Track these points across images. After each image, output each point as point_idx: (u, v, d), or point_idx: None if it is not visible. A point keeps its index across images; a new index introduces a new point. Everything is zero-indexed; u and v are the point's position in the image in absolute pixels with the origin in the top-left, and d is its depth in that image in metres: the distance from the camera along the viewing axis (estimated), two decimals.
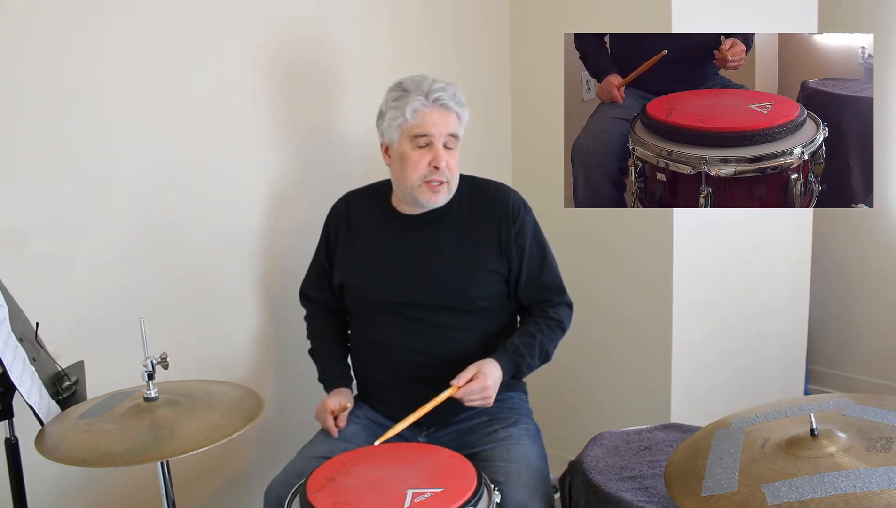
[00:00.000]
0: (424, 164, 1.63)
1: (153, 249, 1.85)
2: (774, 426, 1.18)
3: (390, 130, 1.67)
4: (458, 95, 1.66)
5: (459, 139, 1.68)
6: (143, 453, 1.25)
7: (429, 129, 1.62)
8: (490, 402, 1.58)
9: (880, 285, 3.01)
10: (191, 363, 1.80)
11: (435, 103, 1.62)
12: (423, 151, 1.64)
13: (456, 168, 1.68)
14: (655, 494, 1.41)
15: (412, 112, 1.62)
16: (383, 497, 1.28)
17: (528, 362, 1.66)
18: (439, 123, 1.63)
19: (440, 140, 1.63)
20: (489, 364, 1.59)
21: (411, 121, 1.62)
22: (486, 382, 1.55)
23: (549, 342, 1.70)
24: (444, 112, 1.63)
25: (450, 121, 1.64)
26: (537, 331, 1.68)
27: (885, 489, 0.96)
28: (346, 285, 1.76)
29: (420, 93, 1.62)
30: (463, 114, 1.68)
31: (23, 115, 1.65)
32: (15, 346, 1.38)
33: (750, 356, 2.53)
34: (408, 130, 1.63)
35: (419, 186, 1.65)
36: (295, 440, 1.76)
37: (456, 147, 1.67)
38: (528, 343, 1.66)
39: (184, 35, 1.85)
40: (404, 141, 1.65)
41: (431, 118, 1.62)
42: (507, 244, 1.68)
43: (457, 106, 1.65)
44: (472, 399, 1.55)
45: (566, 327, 1.74)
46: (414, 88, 1.64)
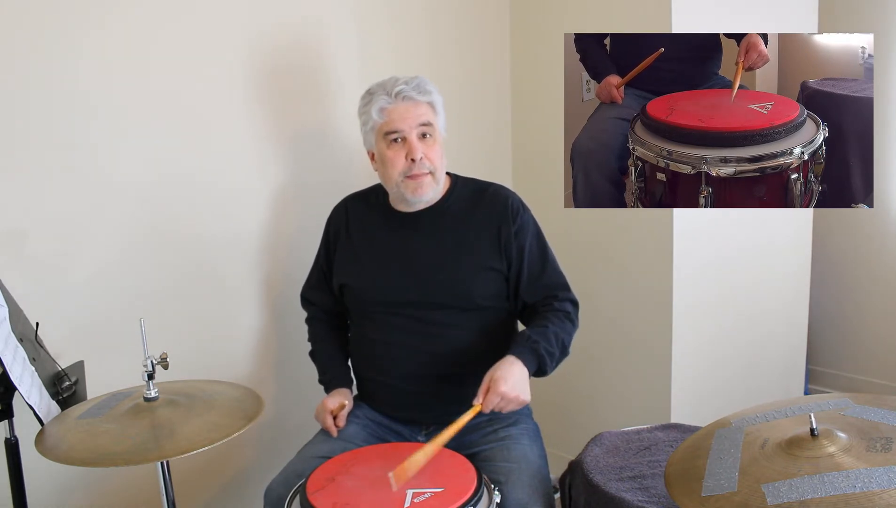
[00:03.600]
0: (401, 159, 1.63)
1: (153, 249, 1.86)
2: (774, 426, 1.18)
3: (368, 136, 1.69)
4: (422, 85, 1.65)
5: (436, 127, 1.67)
6: (143, 453, 1.25)
7: (397, 124, 1.63)
8: (523, 400, 1.50)
9: (880, 285, 3.01)
10: (191, 363, 1.79)
11: (398, 97, 1.63)
12: (398, 148, 1.64)
13: (438, 158, 1.66)
14: (655, 494, 1.41)
15: (378, 111, 1.64)
16: (383, 497, 1.28)
17: (546, 347, 1.57)
18: (407, 117, 1.63)
19: (412, 133, 1.63)
20: (503, 366, 1.52)
21: (379, 120, 1.64)
22: (500, 388, 1.47)
23: (563, 331, 1.64)
24: (409, 104, 1.63)
25: (419, 112, 1.64)
26: (547, 321, 1.63)
27: (885, 489, 0.96)
28: (345, 285, 1.76)
29: (383, 92, 1.64)
30: (434, 101, 1.67)
31: (23, 115, 1.65)
32: (15, 346, 1.38)
33: (750, 356, 2.52)
34: (379, 129, 1.65)
35: (402, 181, 1.65)
36: (295, 440, 1.76)
37: (434, 136, 1.66)
38: (540, 332, 1.60)
39: (185, 38, 1.85)
40: (380, 142, 1.66)
41: (398, 113, 1.63)
42: (507, 243, 1.68)
43: (421, 95, 1.64)
44: (503, 407, 1.49)
45: (574, 319, 1.69)
46: (378, 89, 1.66)
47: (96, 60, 1.73)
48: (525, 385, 1.52)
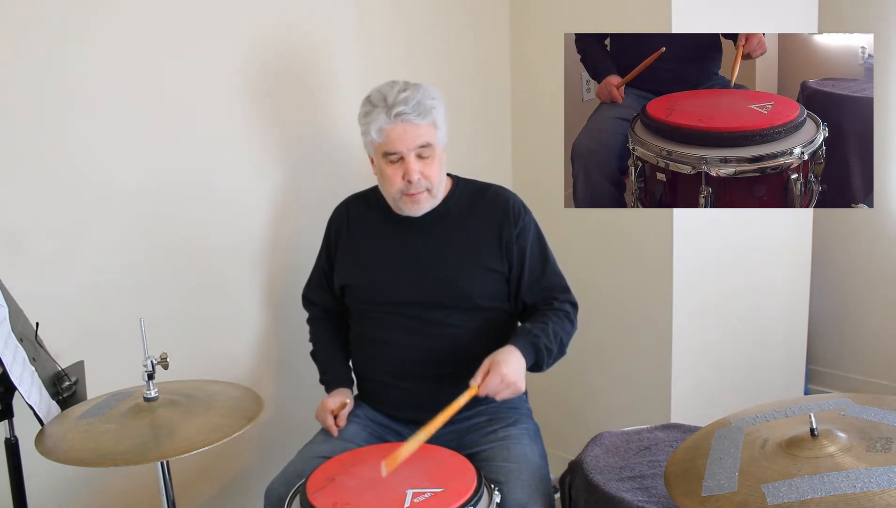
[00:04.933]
0: (398, 178, 1.62)
1: (153, 249, 1.86)
2: (774, 426, 1.18)
3: (367, 146, 1.69)
4: (423, 104, 1.60)
5: (435, 145, 1.64)
6: (143, 453, 1.25)
7: (396, 146, 1.60)
8: (519, 387, 1.50)
9: (880, 285, 3.01)
10: (191, 363, 1.79)
11: (397, 119, 1.59)
12: (395, 167, 1.63)
13: (436, 174, 1.65)
14: (655, 494, 1.41)
15: (377, 131, 1.61)
16: (383, 497, 1.28)
17: (545, 342, 1.58)
18: (406, 139, 1.60)
19: (410, 154, 1.61)
20: (503, 352, 1.52)
21: (378, 140, 1.62)
22: (502, 370, 1.47)
23: (562, 330, 1.64)
24: (408, 127, 1.59)
25: (418, 133, 1.60)
26: (547, 319, 1.64)
27: (885, 489, 0.96)
28: (346, 285, 1.76)
29: (384, 108, 1.60)
30: (436, 119, 1.63)
31: (23, 116, 1.65)
32: (15, 346, 1.38)
33: (750, 356, 2.52)
34: (377, 148, 1.64)
35: (400, 198, 1.65)
36: (295, 440, 1.76)
37: (433, 154, 1.64)
38: (540, 327, 1.60)
39: (185, 41, 1.86)
40: (378, 157, 1.65)
41: (397, 134, 1.60)
42: (509, 244, 1.68)
43: (421, 118, 1.60)
44: (499, 392, 1.49)
45: (573, 320, 1.70)
46: (379, 101, 1.61)
47: (97, 63, 1.73)
48: (522, 375, 1.52)
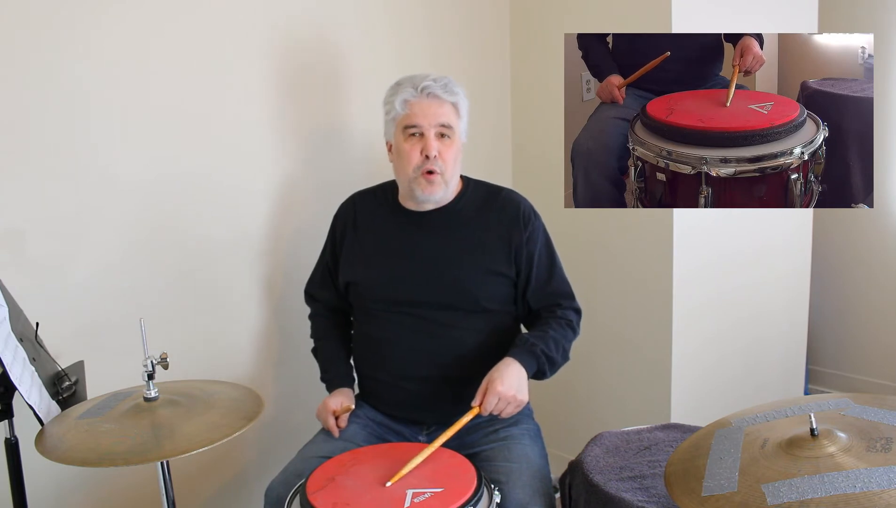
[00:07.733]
0: (416, 154, 1.64)
1: (153, 249, 1.85)
2: (774, 426, 1.18)
3: (388, 126, 1.70)
4: (450, 86, 1.66)
5: (456, 130, 1.67)
6: (143, 453, 1.25)
7: (418, 119, 1.63)
8: (521, 399, 1.52)
9: (880, 285, 3.01)
10: (191, 363, 1.79)
11: (423, 93, 1.63)
12: (414, 142, 1.64)
13: (452, 160, 1.66)
14: (655, 494, 1.41)
15: (401, 103, 1.64)
16: (383, 497, 1.28)
17: (544, 349, 1.59)
18: (429, 114, 1.63)
19: (431, 130, 1.63)
20: (500, 368, 1.54)
21: (401, 112, 1.64)
22: (497, 388, 1.49)
23: (563, 338, 1.65)
24: (433, 102, 1.63)
25: (441, 111, 1.64)
26: (548, 327, 1.65)
27: (885, 489, 0.96)
28: (351, 282, 1.76)
29: (410, 85, 1.64)
30: (458, 103, 1.67)
31: (23, 115, 1.64)
32: (15, 346, 1.38)
33: (750, 356, 2.52)
34: (400, 121, 1.66)
35: (416, 178, 1.65)
36: (295, 440, 1.76)
37: (453, 138, 1.66)
38: (539, 336, 1.62)
39: (188, 37, 1.85)
40: (398, 133, 1.66)
41: (420, 108, 1.63)
42: (518, 249, 1.68)
43: (447, 95, 1.65)
44: (502, 410, 1.51)
45: (576, 327, 1.71)
46: (406, 81, 1.66)
47: (97, 59, 1.73)
48: (523, 385, 1.53)
